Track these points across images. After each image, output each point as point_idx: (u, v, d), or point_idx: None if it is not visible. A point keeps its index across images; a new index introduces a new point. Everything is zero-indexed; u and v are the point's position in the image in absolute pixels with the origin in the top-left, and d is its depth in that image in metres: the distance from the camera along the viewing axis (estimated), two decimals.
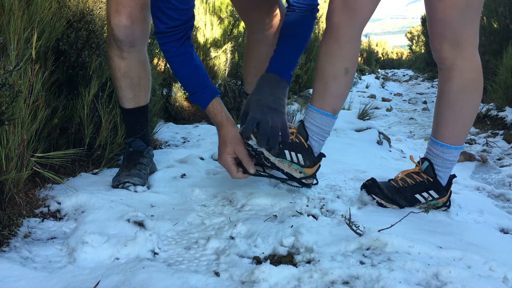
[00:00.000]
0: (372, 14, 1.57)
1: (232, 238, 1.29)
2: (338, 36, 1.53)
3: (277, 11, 1.85)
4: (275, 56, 1.56)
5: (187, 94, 3.40)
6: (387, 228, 1.26)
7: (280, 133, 1.45)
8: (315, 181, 1.65)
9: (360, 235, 1.26)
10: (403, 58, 19.82)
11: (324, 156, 1.63)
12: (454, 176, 1.64)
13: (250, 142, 1.45)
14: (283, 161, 1.51)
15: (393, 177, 1.67)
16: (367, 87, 8.03)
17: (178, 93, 3.42)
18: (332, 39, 1.55)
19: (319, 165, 1.62)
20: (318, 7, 1.61)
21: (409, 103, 6.51)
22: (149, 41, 1.83)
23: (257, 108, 1.44)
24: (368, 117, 3.34)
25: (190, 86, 1.55)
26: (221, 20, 4.39)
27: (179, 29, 1.49)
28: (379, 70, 14.47)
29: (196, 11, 4.12)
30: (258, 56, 1.90)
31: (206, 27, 4.08)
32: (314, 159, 1.58)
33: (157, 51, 2.92)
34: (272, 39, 1.82)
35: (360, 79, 9.32)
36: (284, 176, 1.58)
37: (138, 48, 1.69)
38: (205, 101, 1.53)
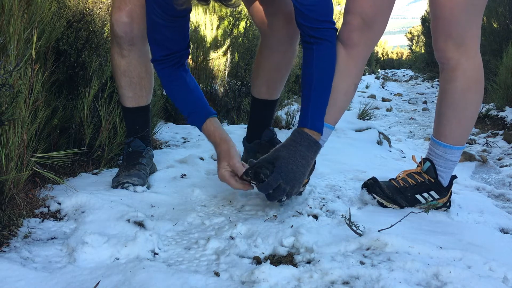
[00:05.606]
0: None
1: (232, 238, 1.29)
2: (357, 54, 1.53)
3: (293, 21, 1.81)
4: (308, 109, 1.46)
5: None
6: (387, 228, 1.26)
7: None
8: (302, 189, 1.64)
9: (360, 235, 1.26)
10: (403, 58, 19.81)
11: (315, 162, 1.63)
12: (455, 176, 1.64)
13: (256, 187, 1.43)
14: None
15: (394, 177, 1.67)
16: (367, 87, 8.02)
17: None
18: (349, 56, 1.53)
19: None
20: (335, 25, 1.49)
21: (409, 103, 6.51)
22: None
23: (283, 171, 1.40)
24: (368, 117, 3.35)
25: (185, 109, 1.59)
26: (221, 20, 4.39)
27: (172, 57, 1.54)
28: (379, 70, 14.47)
29: (195, 10, 4.13)
30: (269, 64, 1.89)
31: (206, 27, 4.08)
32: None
33: None
34: (285, 48, 1.79)
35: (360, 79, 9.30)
36: None
37: (139, 47, 1.70)
38: (199, 122, 1.57)
